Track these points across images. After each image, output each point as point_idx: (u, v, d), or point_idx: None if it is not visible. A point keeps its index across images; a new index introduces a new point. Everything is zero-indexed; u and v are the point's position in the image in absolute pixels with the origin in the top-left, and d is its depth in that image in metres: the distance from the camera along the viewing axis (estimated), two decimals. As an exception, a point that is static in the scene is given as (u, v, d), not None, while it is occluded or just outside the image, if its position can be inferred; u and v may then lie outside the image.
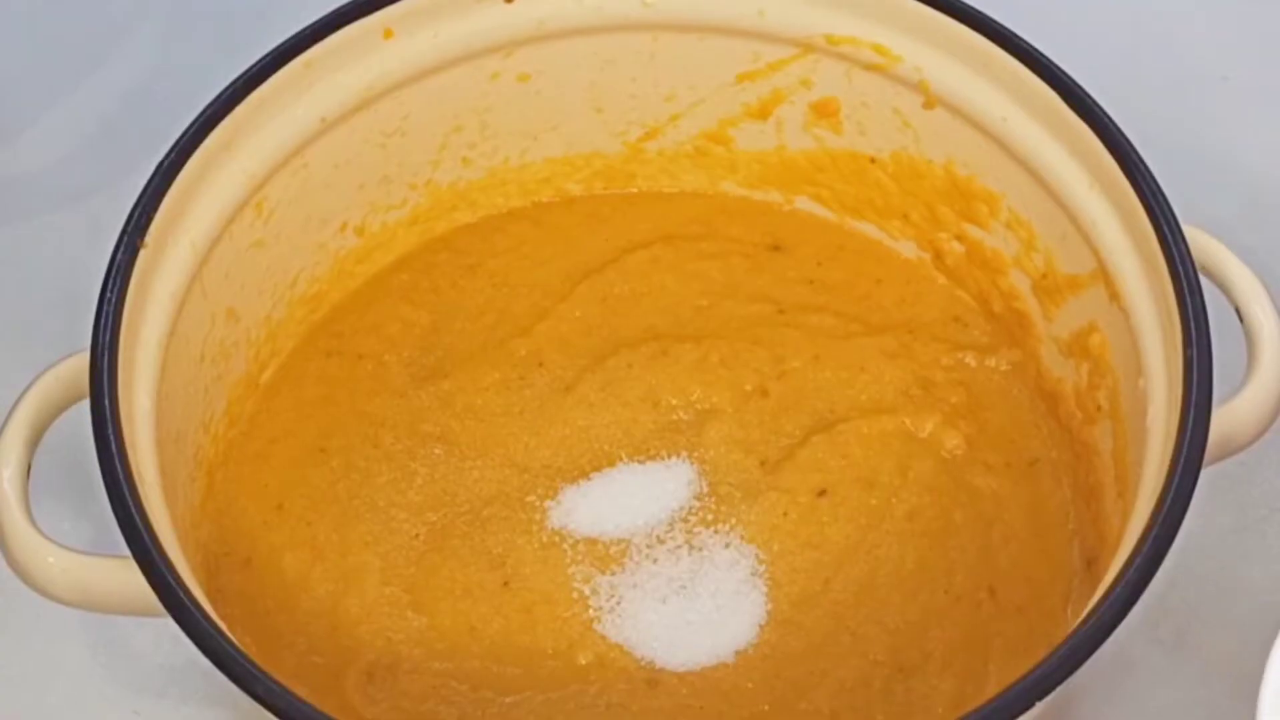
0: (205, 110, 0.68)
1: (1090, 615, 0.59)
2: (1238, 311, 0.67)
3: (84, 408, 0.63)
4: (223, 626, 0.60)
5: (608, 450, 0.73)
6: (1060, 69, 0.69)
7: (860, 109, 0.76)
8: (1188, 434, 0.61)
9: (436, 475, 0.72)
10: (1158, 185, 0.66)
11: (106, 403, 0.62)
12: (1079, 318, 0.72)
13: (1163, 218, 0.66)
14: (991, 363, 0.75)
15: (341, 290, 0.77)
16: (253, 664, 0.58)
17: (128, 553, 0.60)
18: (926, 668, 0.68)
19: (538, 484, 0.72)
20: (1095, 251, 0.69)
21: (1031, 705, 0.57)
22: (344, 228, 0.76)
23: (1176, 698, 0.72)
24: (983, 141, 0.73)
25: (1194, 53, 0.90)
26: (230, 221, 0.70)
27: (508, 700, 0.67)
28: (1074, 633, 0.58)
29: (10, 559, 0.63)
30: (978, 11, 0.71)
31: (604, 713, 0.67)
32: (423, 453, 0.73)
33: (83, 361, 0.63)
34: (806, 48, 0.75)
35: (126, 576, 0.61)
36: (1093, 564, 0.69)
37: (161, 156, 0.67)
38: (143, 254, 0.65)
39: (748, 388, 0.74)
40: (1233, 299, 0.67)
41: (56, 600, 0.63)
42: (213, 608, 0.60)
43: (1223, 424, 0.64)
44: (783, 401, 0.74)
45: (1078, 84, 0.69)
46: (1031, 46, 0.70)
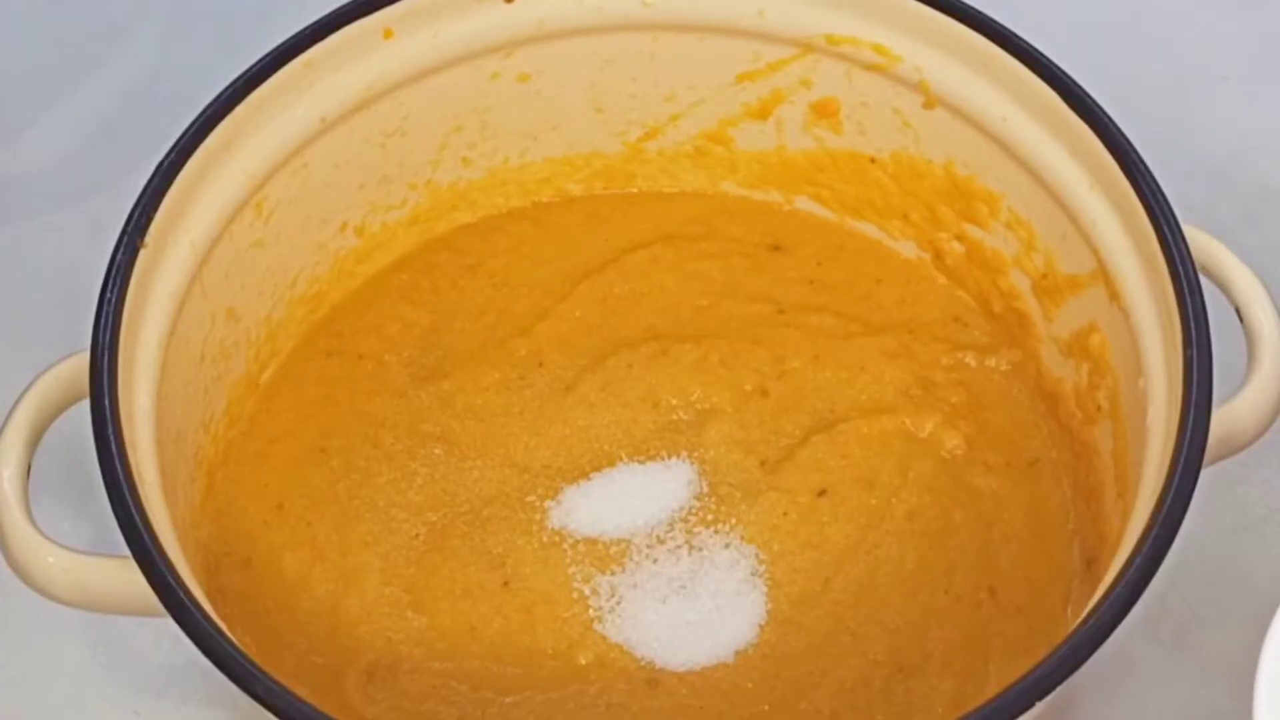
0: (205, 110, 0.68)
1: (1090, 615, 0.59)
2: (1238, 311, 0.67)
3: (84, 408, 0.63)
4: (223, 626, 0.59)
5: (608, 450, 0.73)
6: (1060, 69, 0.69)
7: (860, 109, 0.76)
8: (1188, 434, 0.61)
9: (436, 475, 0.72)
10: (1158, 185, 0.66)
11: (106, 403, 0.62)
12: (1079, 318, 0.72)
13: (1163, 218, 0.66)
14: (991, 363, 0.75)
15: (341, 290, 0.77)
16: (253, 664, 0.58)
17: (128, 553, 0.60)
18: (926, 668, 0.68)
19: (538, 484, 0.72)
20: (1095, 251, 0.69)
21: (1031, 705, 0.57)
22: (344, 228, 0.76)
23: (1176, 698, 0.72)
24: (983, 141, 0.73)
25: (1194, 53, 0.90)
26: (230, 221, 0.70)
27: (508, 700, 0.67)
28: (1074, 633, 0.58)
29: (10, 559, 0.63)
30: (978, 11, 0.71)
31: (604, 713, 0.67)
32: (423, 453, 0.73)
33: (83, 361, 0.63)
34: (806, 48, 0.75)
35: (126, 576, 0.61)
36: (1093, 564, 0.69)
37: (161, 156, 0.67)
38: (143, 254, 0.65)
39: (748, 388, 0.74)
40: (1233, 299, 0.67)
41: (56, 600, 0.63)
42: (213, 608, 0.60)
43: (1223, 424, 0.64)
44: (783, 401, 0.74)
45: (1078, 84, 0.69)
46: (1031, 46, 0.70)
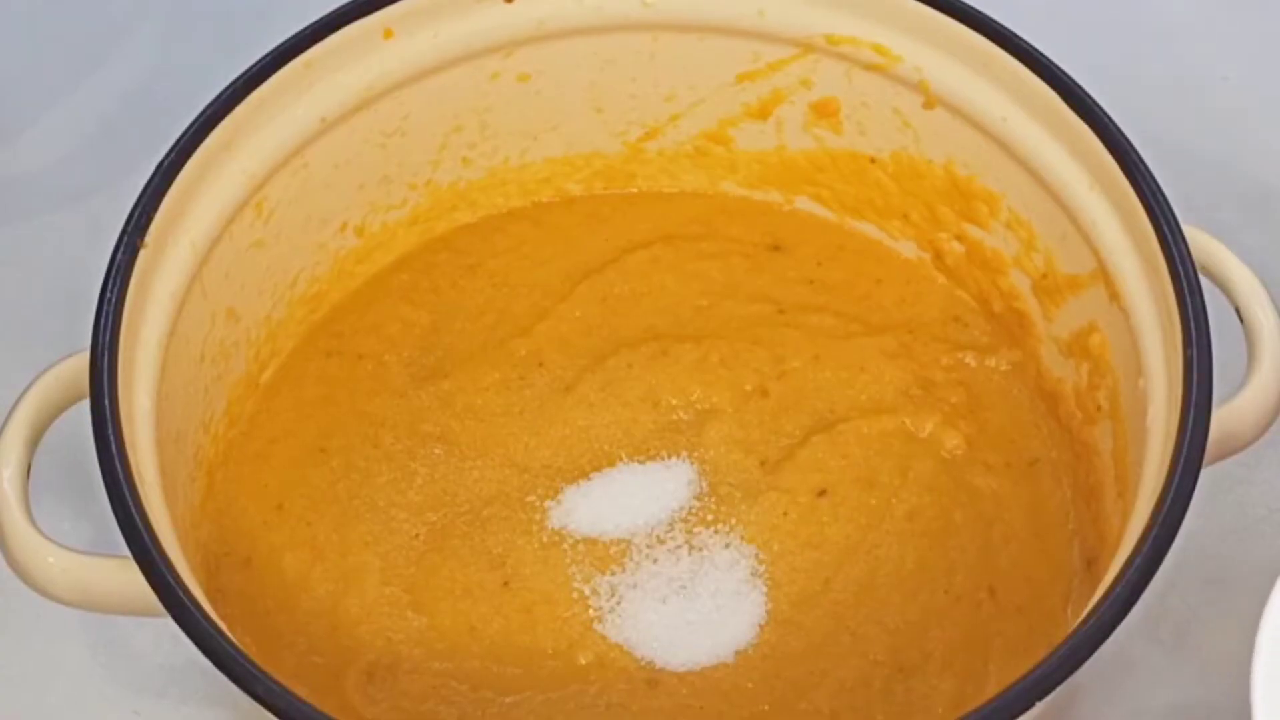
0: (205, 110, 0.68)
1: (1090, 615, 0.59)
2: (1238, 311, 0.67)
3: (84, 408, 0.63)
4: (223, 626, 0.59)
5: (608, 450, 0.73)
6: (1060, 69, 0.69)
7: (860, 109, 0.76)
8: (1188, 434, 0.61)
9: (436, 475, 0.72)
10: (1158, 185, 0.66)
11: (106, 403, 0.62)
12: (1079, 318, 0.72)
13: (1163, 218, 0.66)
14: (991, 363, 0.75)
15: (341, 290, 0.77)
16: (253, 664, 0.58)
17: (128, 553, 0.60)
18: (926, 668, 0.68)
19: (538, 484, 0.72)
20: (1095, 251, 0.69)
21: (1031, 705, 0.57)
22: (344, 228, 0.76)
23: (1176, 698, 0.72)
24: (983, 141, 0.72)
25: (1194, 53, 0.90)
26: (230, 221, 0.70)
27: (508, 700, 0.67)
28: (1074, 633, 0.58)
29: (10, 559, 0.63)
30: (978, 11, 0.71)
31: (604, 713, 0.67)
32: (423, 453, 0.73)
33: (83, 361, 0.63)
34: (806, 48, 0.75)
35: (126, 576, 0.61)
36: (1093, 564, 0.69)
37: (161, 156, 0.67)
38: (143, 254, 0.65)
39: (748, 388, 0.74)
40: (1233, 299, 0.67)
41: (56, 600, 0.63)
42: (213, 608, 0.60)
43: (1223, 424, 0.64)
44: (783, 401, 0.74)
45: (1078, 84, 0.69)
46: (1031, 46, 0.70)
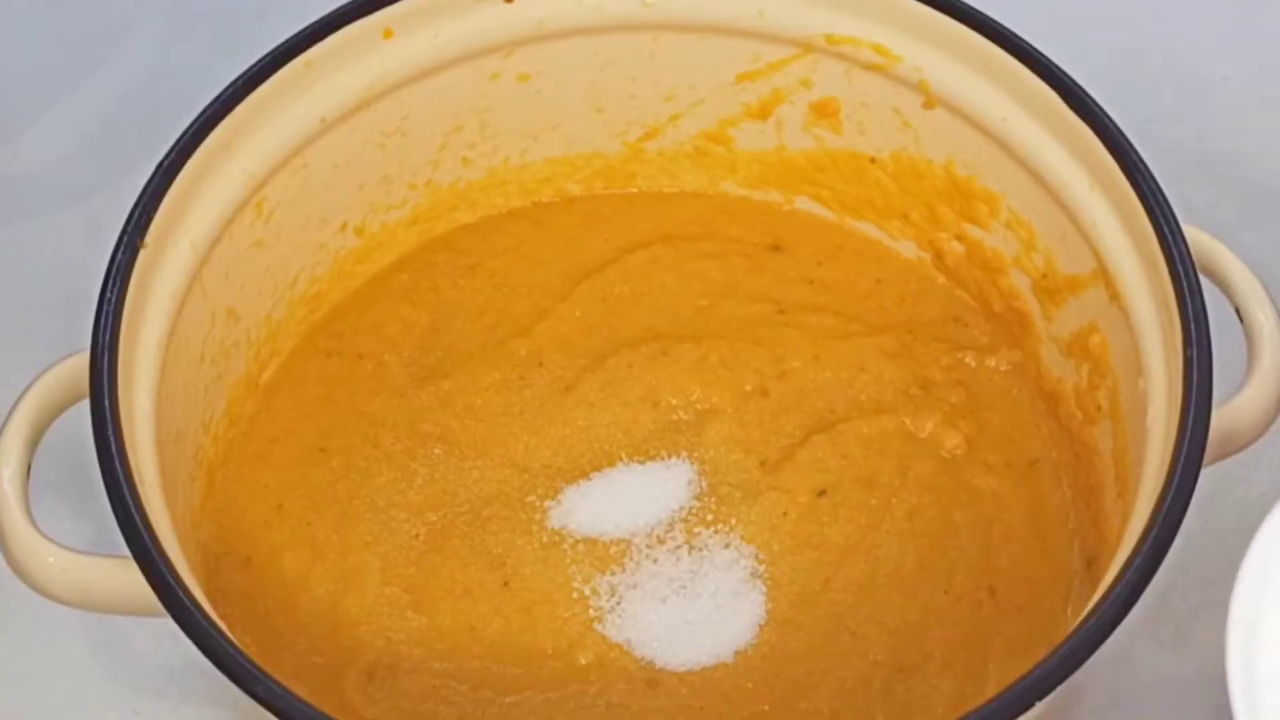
0: (205, 110, 0.68)
1: (1090, 615, 0.59)
2: (1238, 311, 0.67)
3: (84, 408, 0.63)
4: (223, 626, 0.59)
5: (608, 450, 0.73)
6: (1060, 69, 0.69)
7: (860, 109, 0.76)
8: (1188, 434, 0.61)
9: (436, 475, 0.72)
10: (1158, 185, 0.66)
11: (106, 403, 0.62)
12: (1079, 318, 0.72)
13: (1163, 218, 0.66)
14: (991, 363, 0.75)
15: (341, 290, 0.77)
16: (253, 664, 0.58)
17: (128, 553, 0.60)
18: (926, 668, 0.68)
19: (538, 484, 0.72)
20: (1095, 251, 0.69)
21: (1031, 705, 0.57)
22: (344, 228, 0.76)
23: (1176, 698, 0.72)
24: (983, 141, 0.72)
25: (1194, 53, 0.90)
26: (230, 221, 0.70)
27: (508, 700, 0.67)
28: (1074, 633, 0.58)
29: (10, 559, 0.63)
30: (978, 11, 0.71)
31: (604, 713, 0.67)
32: (423, 453, 0.73)
33: (83, 361, 0.63)
34: (806, 48, 0.75)
35: (126, 576, 0.61)
36: (1093, 564, 0.69)
37: (161, 156, 0.67)
38: (143, 254, 0.65)
39: (748, 388, 0.74)
40: (1233, 299, 0.67)
41: (56, 600, 0.63)
42: (213, 608, 0.60)
43: (1223, 424, 0.64)
44: (783, 401, 0.74)
45: (1078, 84, 0.69)
46: (1031, 46, 0.70)
